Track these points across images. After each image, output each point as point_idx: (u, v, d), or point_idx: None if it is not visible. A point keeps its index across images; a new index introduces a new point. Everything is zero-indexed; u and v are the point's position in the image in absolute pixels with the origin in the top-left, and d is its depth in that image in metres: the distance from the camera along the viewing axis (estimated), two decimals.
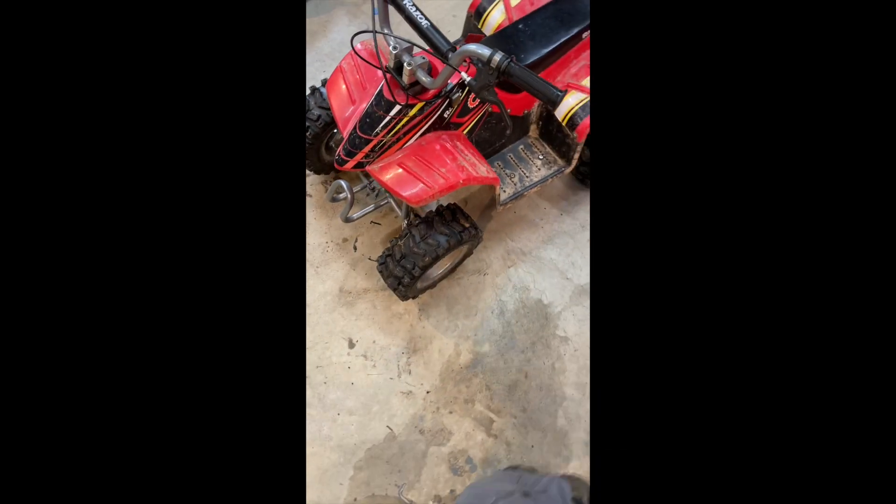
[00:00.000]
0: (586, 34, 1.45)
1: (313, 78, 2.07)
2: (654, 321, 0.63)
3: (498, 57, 0.93)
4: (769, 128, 0.60)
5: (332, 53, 2.14)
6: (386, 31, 1.16)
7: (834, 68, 0.58)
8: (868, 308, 0.56)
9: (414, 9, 1.07)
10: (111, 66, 0.61)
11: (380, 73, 1.33)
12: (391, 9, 1.15)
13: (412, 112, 1.23)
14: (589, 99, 1.46)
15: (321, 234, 1.79)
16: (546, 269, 1.80)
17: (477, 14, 1.61)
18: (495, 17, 1.57)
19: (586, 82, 1.47)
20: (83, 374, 0.58)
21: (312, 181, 1.86)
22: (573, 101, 1.47)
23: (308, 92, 1.57)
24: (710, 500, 0.59)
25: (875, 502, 0.54)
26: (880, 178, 0.56)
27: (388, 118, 1.23)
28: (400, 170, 1.29)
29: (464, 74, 1.01)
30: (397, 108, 1.21)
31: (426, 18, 1.08)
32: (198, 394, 0.61)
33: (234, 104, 0.66)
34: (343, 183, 1.48)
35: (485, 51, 0.95)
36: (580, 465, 1.52)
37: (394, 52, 1.14)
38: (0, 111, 0.57)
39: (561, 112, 1.50)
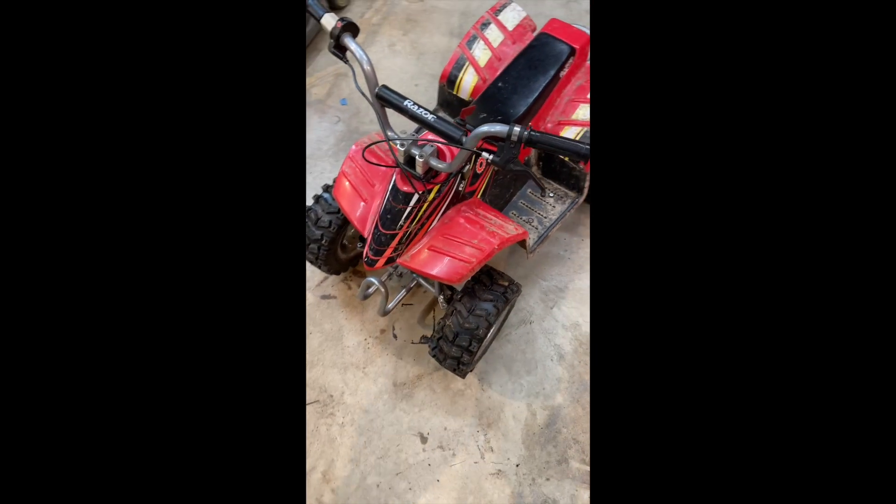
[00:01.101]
0: (563, 72, 1.47)
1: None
2: (653, 324, 0.62)
3: (517, 130, 0.92)
4: (765, 140, 0.60)
5: (313, 154, 2.14)
6: (390, 133, 1.17)
7: (823, 97, 0.57)
8: (866, 308, 0.55)
9: (416, 107, 1.07)
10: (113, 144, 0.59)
11: (383, 168, 1.33)
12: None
13: (430, 196, 1.22)
14: (586, 129, 1.46)
15: (357, 332, 1.73)
16: (587, 297, 1.75)
17: (449, 82, 1.63)
18: (469, 81, 1.59)
19: (577, 115, 1.48)
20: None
21: (333, 282, 1.81)
22: (572, 136, 1.48)
23: (312, 201, 1.55)
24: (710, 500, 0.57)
25: (875, 502, 0.53)
26: (879, 181, 0.56)
27: (408, 209, 1.22)
28: (433, 253, 1.26)
29: (485, 154, 1.00)
30: (416, 197, 1.20)
31: (430, 112, 1.08)
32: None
33: (233, 222, 0.64)
34: (373, 279, 1.44)
35: (502, 128, 0.95)
36: None
37: (402, 149, 1.13)
38: (2, 111, 0.56)
39: None
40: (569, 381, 1.62)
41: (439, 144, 1.16)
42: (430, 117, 1.07)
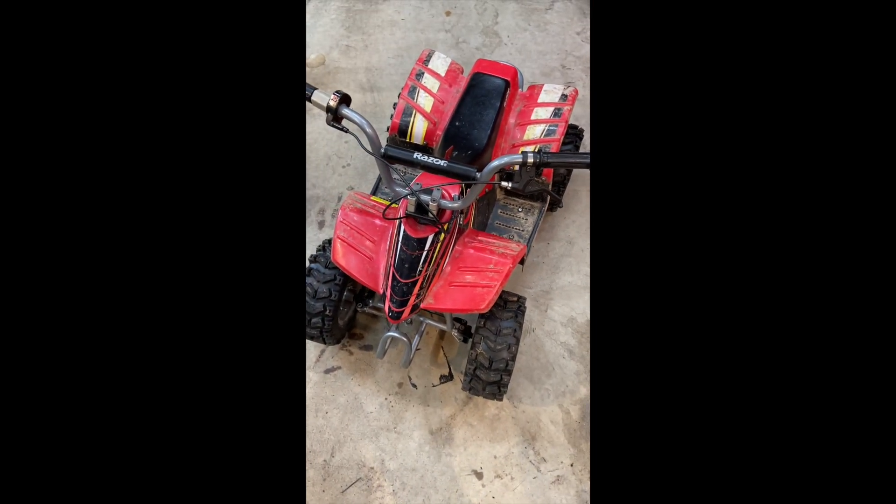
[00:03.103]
0: (505, 103, 1.64)
1: None
2: (653, 322, 0.62)
3: (531, 156, 1.03)
4: (765, 136, 0.62)
5: None
6: (398, 188, 1.20)
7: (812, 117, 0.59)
8: (865, 305, 0.55)
9: (426, 158, 1.13)
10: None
11: (378, 221, 1.35)
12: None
13: (442, 236, 1.26)
14: (539, 146, 1.63)
15: (375, 395, 1.67)
16: (573, 292, 1.90)
17: (400, 132, 1.70)
18: (420, 127, 1.68)
19: (527, 136, 1.64)
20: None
21: (332, 353, 1.74)
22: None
23: (306, 274, 1.49)
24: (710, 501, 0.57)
25: (875, 502, 0.52)
26: (878, 177, 0.57)
27: (424, 253, 1.25)
28: (456, 288, 1.30)
29: (505, 184, 1.09)
30: (430, 238, 1.24)
31: (440, 160, 1.14)
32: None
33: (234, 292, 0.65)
34: (394, 334, 1.42)
35: (517, 157, 1.04)
36: None
37: (413, 199, 1.17)
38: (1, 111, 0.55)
39: None
40: (584, 371, 1.73)
41: (443, 186, 1.22)
42: (442, 164, 1.13)
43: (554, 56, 2.51)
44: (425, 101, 1.69)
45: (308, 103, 1.12)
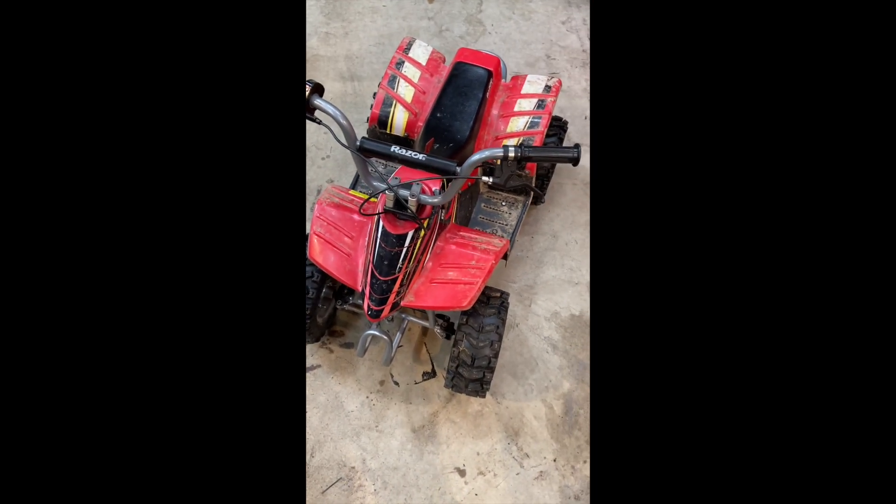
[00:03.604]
0: (488, 94, 1.60)
1: None
2: (654, 323, 0.62)
3: (512, 150, 0.99)
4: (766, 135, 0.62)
5: None
6: (375, 183, 1.16)
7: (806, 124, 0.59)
8: (865, 308, 0.56)
9: (404, 151, 1.09)
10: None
11: (357, 216, 1.31)
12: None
13: (422, 232, 1.23)
14: (522, 139, 1.60)
15: (356, 393, 1.64)
16: (557, 287, 1.89)
17: (380, 123, 1.65)
18: (400, 118, 1.63)
19: (510, 128, 1.61)
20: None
21: (311, 351, 1.70)
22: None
23: None
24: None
25: (875, 502, 0.53)
26: (878, 183, 0.57)
27: (404, 250, 1.21)
28: (437, 286, 1.27)
29: (486, 178, 1.05)
30: (410, 235, 1.20)
31: (418, 153, 1.10)
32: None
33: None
34: (374, 332, 1.39)
35: (497, 151, 1.01)
36: None
37: (391, 194, 1.13)
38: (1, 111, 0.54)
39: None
40: (568, 366, 1.73)
41: (423, 181, 1.19)
42: (420, 157, 1.09)
43: (538, 46, 2.47)
44: (406, 92, 1.65)
45: None
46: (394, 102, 1.63)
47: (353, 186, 1.81)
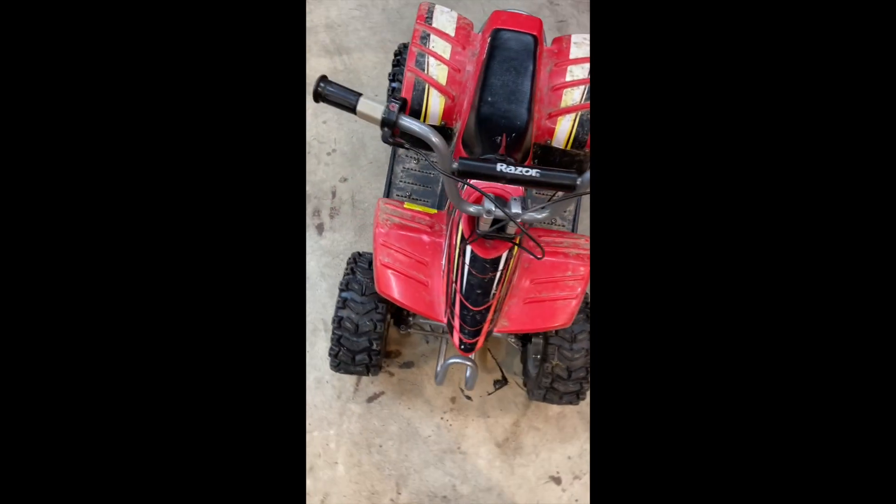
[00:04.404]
0: (537, 66, 1.37)
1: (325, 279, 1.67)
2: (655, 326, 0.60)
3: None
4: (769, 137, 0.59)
5: (333, 249, 1.71)
6: (471, 208, 0.97)
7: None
8: (867, 311, 0.55)
9: (514, 169, 0.88)
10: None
11: (426, 237, 1.12)
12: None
13: (515, 250, 1.06)
14: (579, 113, 1.41)
15: (429, 416, 1.51)
16: None
17: (413, 113, 1.41)
18: (436, 105, 1.39)
19: (565, 102, 1.41)
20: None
21: (370, 378, 1.54)
22: (567, 125, 1.41)
23: (339, 306, 1.25)
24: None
25: (875, 502, 0.53)
26: (880, 182, 0.55)
27: (498, 274, 1.05)
28: (535, 305, 1.13)
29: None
30: (504, 257, 1.04)
31: (530, 168, 0.90)
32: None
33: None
34: (458, 360, 1.24)
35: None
36: None
37: (489, 216, 0.95)
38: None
39: (561, 140, 1.43)
40: None
41: (503, 193, 1.01)
42: (533, 173, 0.90)
43: None
44: (438, 72, 1.40)
45: (343, 110, 0.83)
46: (426, 87, 1.39)
47: (388, 194, 1.58)
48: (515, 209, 0.94)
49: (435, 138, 0.86)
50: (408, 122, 0.84)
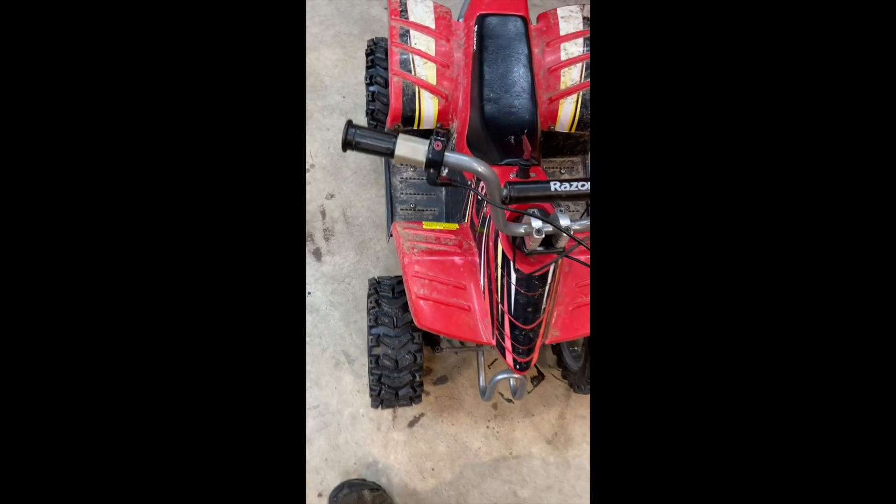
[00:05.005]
0: (531, 49, 1.27)
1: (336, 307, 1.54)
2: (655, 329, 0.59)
3: None
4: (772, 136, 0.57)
5: (336, 274, 1.59)
6: (521, 229, 0.89)
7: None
8: (870, 310, 0.55)
9: (567, 186, 0.80)
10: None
11: (458, 258, 1.04)
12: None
13: (560, 260, 1.00)
14: (581, 93, 1.33)
15: (474, 428, 1.47)
16: None
17: (405, 120, 1.29)
18: (430, 107, 1.28)
19: (564, 84, 1.32)
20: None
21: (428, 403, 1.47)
22: (570, 107, 1.33)
23: (372, 343, 1.15)
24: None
25: (875, 502, 0.54)
26: (882, 181, 0.55)
27: (547, 289, 0.99)
28: (580, 310, 1.08)
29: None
30: (551, 270, 0.98)
31: (580, 180, 0.82)
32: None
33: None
34: (507, 375, 1.19)
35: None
36: None
37: (540, 234, 0.87)
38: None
39: (565, 123, 1.35)
40: None
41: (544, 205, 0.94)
42: (588, 186, 0.82)
43: None
44: (426, 71, 1.28)
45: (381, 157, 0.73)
46: (416, 90, 1.27)
47: (392, 209, 1.46)
48: (565, 221, 0.88)
49: (481, 167, 0.77)
50: (454, 159, 0.75)
